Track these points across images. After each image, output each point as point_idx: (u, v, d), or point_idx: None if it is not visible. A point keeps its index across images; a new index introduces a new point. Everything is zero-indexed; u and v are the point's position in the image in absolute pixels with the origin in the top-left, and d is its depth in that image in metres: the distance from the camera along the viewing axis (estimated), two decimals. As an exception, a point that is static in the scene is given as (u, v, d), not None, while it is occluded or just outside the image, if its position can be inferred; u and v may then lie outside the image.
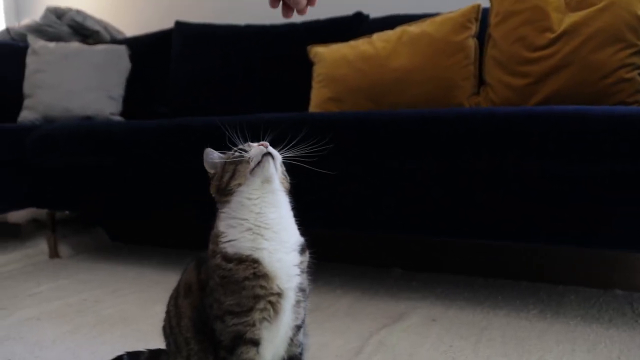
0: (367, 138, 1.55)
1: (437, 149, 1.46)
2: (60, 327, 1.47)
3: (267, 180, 0.86)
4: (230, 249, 0.84)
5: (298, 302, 0.88)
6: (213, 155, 0.93)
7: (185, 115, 2.32)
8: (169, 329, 0.94)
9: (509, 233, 1.46)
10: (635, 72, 1.64)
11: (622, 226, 1.32)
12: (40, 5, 3.31)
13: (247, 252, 0.83)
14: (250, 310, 0.82)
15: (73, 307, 1.64)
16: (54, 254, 2.22)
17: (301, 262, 0.88)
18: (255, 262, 0.83)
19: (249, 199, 0.86)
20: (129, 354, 1.15)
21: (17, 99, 2.53)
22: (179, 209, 1.90)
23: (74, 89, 2.48)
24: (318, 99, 2.19)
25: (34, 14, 3.10)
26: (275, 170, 0.87)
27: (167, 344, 0.96)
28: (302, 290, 0.88)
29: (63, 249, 2.29)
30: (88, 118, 2.45)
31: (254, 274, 0.82)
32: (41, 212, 2.35)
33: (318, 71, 2.22)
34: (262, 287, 0.82)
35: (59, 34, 2.87)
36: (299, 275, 0.87)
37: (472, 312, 1.53)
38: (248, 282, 0.82)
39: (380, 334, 1.37)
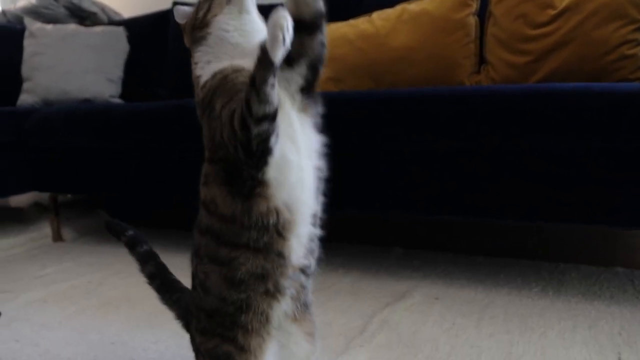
0: (365, 117, 1.54)
1: (437, 128, 1.46)
2: (66, 309, 1.49)
3: (245, 11, 0.84)
4: (210, 70, 0.83)
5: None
6: (184, 7, 0.91)
7: (184, 96, 2.30)
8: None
9: (511, 212, 1.46)
10: (638, 48, 1.63)
11: (625, 205, 1.32)
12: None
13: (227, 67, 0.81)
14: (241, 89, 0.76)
15: (78, 289, 1.65)
16: (57, 237, 2.23)
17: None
18: (242, 68, 0.80)
19: (226, 30, 0.84)
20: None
21: (15, 82, 2.52)
22: (179, 190, 1.91)
23: (72, 71, 2.46)
24: (318, 79, 2.18)
25: (30, -4, 3.06)
26: (252, 3, 0.85)
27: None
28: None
29: (66, 232, 2.30)
30: (87, 101, 2.44)
31: (234, 69, 0.80)
32: (43, 196, 2.36)
33: (318, 51, 2.19)
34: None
35: (55, 16, 2.84)
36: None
37: (474, 290, 1.54)
38: (233, 75, 0.79)
39: (383, 313, 1.39)
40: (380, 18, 2.08)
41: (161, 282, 1.02)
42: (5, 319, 1.45)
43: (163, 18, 2.75)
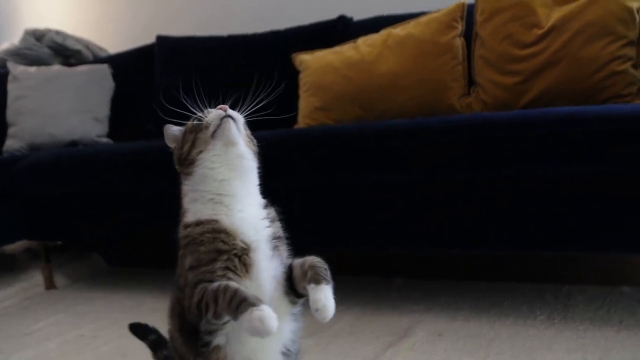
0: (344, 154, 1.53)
1: (422, 161, 1.43)
2: (59, 370, 1.44)
3: (231, 143, 0.85)
4: (191, 217, 0.85)
5: (276, 247, 0.86)
6: (173, 129, 0.92)
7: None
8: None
9: (509, 240, 1.43)
10: (628, 64, 1.61)
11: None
12: (19, 28, 3.25)
13: (205, 217, 0.83)
14: (212, 261, 0.80)
15: (71, 345, 1.60)
16: (49, 284, 2.18)
17: (268, 213, 0.88)
18: (213, 221, 0.82)
19: (212, 168, 0.84)
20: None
21: (1, 127, 2.48)
22: (171, 231, 1.87)
23: (57, 113, 2.43)
24: (306, 109, 2.15)
25: (13, 37, 3.04)
26: (238, 131, 0.85)
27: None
28: (277, 237, 0.87)
29: (59, 279, 2.25)
30: (74, 143, 2.40)
31: (213, 229, 0.81)
32: (35, 242, 2.31)
33: (304, 79, 2.17)
34: (223, 242, 0.81)
35: (39, 57, 2.81)
36: (269, 226, 0.86)
37: (479, 322, 1.50)
38: (208, 235, 0.81)
39: (385, 356, 1.34)
40: (365, 44, 2.05)
41: None
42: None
43: (147, 52, 2.72)
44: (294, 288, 0.85)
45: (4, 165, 2.09)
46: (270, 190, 0.92)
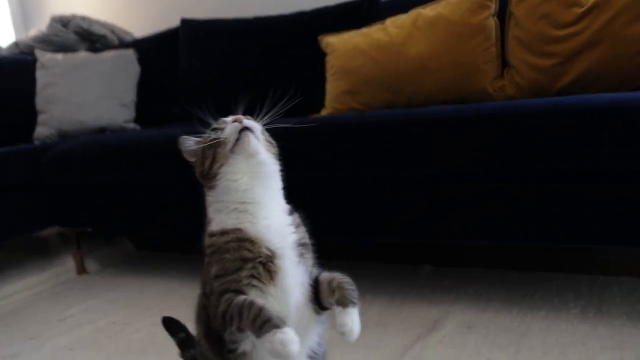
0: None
1: (456, 153, 1.38)
2: (93, 358, 1.47)
3: (251, 155, 0.83)
4: (215, 226, 0.84)
5: (301, 254, 0.85)
6: (189, 143, 0.91)
7: (197, 114, 2.28)
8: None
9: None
10: (674, 45, 1.51)
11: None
12: (45, 15, 3.27)
13: (230, 226, 0.83)
14: (238, 270, 0.80)
15: (103, 332, 1.63)
16: (81, 270, 2.23)
17: (293, 220, 0.87)
18: (238, 230, 0.82)
19: (235, 179, 0.84)
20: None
21: (31, 114, 2.51)
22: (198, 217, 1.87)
23: (85, 100, 2.45)
24: (333, 92, 2.10)
25: (40, 24, 3.05)
26: (257, 141, 0.84)
27: None
28: (302, 244, 0.86)
29: (90, 264, 2.29)
30: (102, 129, 2.42)
31: (237, 238, 0.81)
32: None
33: (331, 63, 2.12)
34: (248, 250, 0.80)
35: (65, 43, 2.82)
36: (294, 232, 0.85)
37: (509, 315, 1.46)
38: (232, 244, 0.81)
39: (415, 349, 1.32)
40: (394, 25, 1.98)
41: None
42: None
43: (172, 36, 2.70)
44: (319, 299, 0.84)
45: (35, 154, 2.11)
46: (294, 180, 0.91)
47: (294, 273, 0.83)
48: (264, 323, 0.73)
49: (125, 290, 1.99)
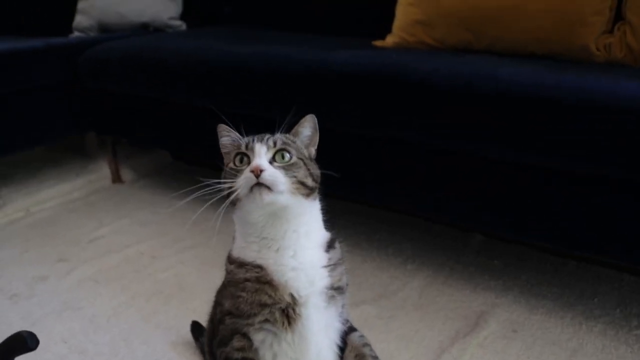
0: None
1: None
2: (116, 297, 1.44)
3: (266, 206, 0.71)
4: (235, 252, 0.76)
5: (332, 297, 0.75)
6: (224, 137, 0.81)
7: (251, 16, 2.15)
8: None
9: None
10: None
11: None
12: None
13: (249, 259, 0.73)
14: (252, 315, 0.72)
15: (131, 264, 1.60)
16: (116, 178, 2.17)
17: (329, 260, 0.75)
18: (259, 267, 0.72)
19: (250, 213, 0.73)
20: None
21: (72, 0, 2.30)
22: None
23: (128, -10, 2.21)
24: (404, 20, 1.81)
25: None
26: (275, 194, 0.69)
27: None
28: (335, 288, 0.75)
29: (126, 173, 2.23)
30: (144, 25, 2.21)
31: (257, 279, 0.71)
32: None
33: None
34: (268, 295, 0.71)
35: None
36: (328, 276, 0.74)
37: (561, 321, 1.32)
38: (250, 284, 0.72)
39: (451, 352, 1.22)
40: (489, -51, 1.63)
41: None
42: (58, 302, 1.42)
43: None
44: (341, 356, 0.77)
45: (71, 52, 1.95)
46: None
47: (318, 319, 0.73)
48: None
49: (157, 212, 1.93)
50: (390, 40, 1.83)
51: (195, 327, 1.20)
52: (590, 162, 1.11)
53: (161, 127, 1.91)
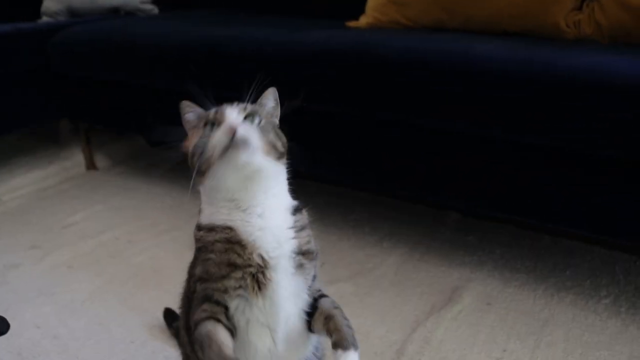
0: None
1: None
2: (92, 281, 1.43)
3: (242, 167, 0.70)
4: (204, 219, 0.76)
5: (300, 265, 0.75)
6: (189, 115, 0.80)
7: (223, 1, 2.14)
8: None
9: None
10: None
11: None
12: None
13: (219, 222, 0.73)
14: (223, 278, 0.72)
15: (105, 249, 1.58)
16: (90, 165, 2.14)
17: (296, 221, 0.75)
18: (229, 228, 0.72)
19: (224, 180, 0.72)
20: None
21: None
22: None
23: (97, -28, 2.17)
24: (377, 0, 1.81)
25: None
26: (252, 154, 0.70)
27: None
28: (303, 253, 0.75)
29: (100, 159, 2.20)
30: (115, 10, 2.17)
31: (227, 239, 0.72)
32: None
33: (378, -39, 1.80)
34: (237, 254, 0.71)
35: None
36: (294, 237, 0.74)
37: (533, 293, 1.35)
38: (219, 245, 0.72)
39: (426, 325, 1.24)
40: None
41: None
42: (31, 289, 1.40)
43: None
44: (309, 322, 0.78)
45: (41, 36, 1.91)
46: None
47: (287, 285, 0.74)
48: None
49: (134, 198, 1.91)
50: (364, 20, 1.83)
51: (168, 313, 1.20)
52: (558, 136, 1.13)
53: (134, 112, 1.88)
